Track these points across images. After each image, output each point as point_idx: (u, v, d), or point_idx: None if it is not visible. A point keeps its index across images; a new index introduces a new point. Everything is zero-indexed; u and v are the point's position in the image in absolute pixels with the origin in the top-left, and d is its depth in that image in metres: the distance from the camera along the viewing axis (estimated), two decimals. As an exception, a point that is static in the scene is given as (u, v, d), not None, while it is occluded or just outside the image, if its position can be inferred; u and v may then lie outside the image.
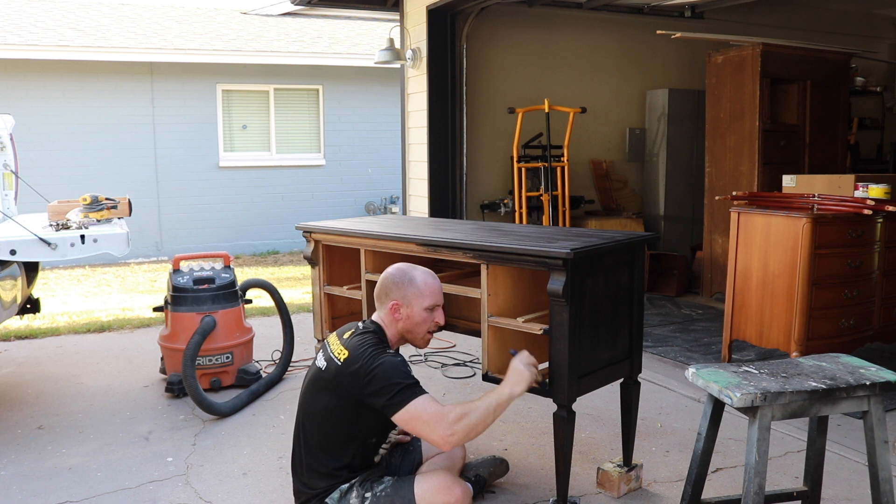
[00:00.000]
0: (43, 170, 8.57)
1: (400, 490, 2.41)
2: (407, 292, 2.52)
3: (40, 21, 10.41)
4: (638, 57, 7.47)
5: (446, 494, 2.39)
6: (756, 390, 2.13)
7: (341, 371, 2.38)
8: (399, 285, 2.53)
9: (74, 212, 3.92)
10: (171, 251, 9.89)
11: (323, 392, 2.44)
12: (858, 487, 3.05)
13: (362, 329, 2.50)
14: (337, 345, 2.47)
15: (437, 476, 2.47)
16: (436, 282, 2.60)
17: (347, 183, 11.21)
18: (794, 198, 4.41)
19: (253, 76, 10.59)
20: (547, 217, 6.42)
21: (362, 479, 2.45)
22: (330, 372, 2.42)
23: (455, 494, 2.40)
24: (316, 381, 2.49)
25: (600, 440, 3.58)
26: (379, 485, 2.44)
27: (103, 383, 4.51)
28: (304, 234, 3.62)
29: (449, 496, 2.39)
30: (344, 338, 2.49)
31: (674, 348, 5.04)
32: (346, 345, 2.43)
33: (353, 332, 2.50)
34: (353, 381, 2.34)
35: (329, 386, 2.42)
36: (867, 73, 8.00)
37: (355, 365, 2.35)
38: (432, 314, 2.57)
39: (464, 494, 2.42)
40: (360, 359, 2.36)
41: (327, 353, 2.48)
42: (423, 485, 2.42)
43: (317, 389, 2.47)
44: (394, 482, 2.45)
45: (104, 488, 3.13)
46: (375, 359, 2.34)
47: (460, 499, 2.40)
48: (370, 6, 7.51)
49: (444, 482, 2.43)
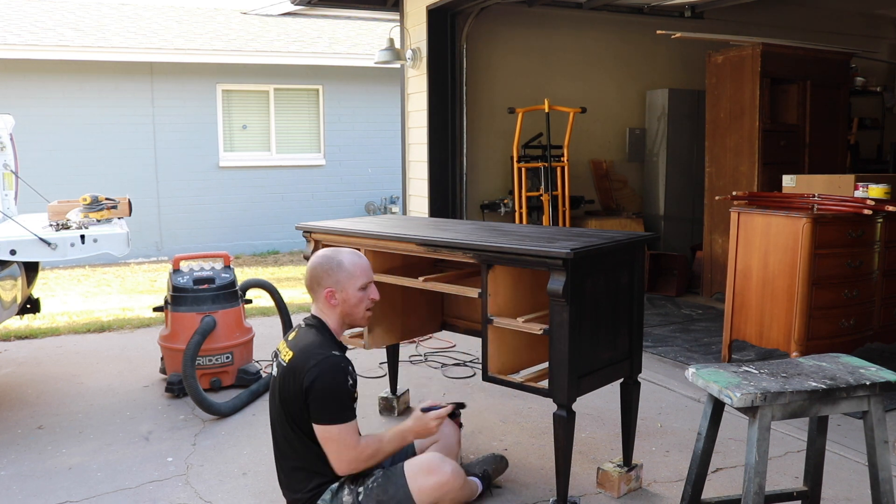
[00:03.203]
0: (43, 170, 8.56)
1: (391, 478, 2.42)
2: (338, 277, 2.51)
3: (40, 21, 10.41)
4: (638, 57, 7.47)
5: (436, 473, 2.41)
6: (756, 390, 2.13)
7: (286, 374, 2.41)
8: (329, 272, 2.52)
9: (74, 212, 3.92)
10: (171, 251, 9.88)
11: (281, 398, 2.45)
12: (858, 487, 3.05)
13: (305, 327, 2.53)
14: (284, 348, 2.50)
15: (425, 457, 2.49)
16: (363, 260, 2.60)
17: (347, 183, 11.21)
18: (794, 198, 4.40)
19: (253, 76, 10.58)
20: (547, 217, 6.41)
21: (352, 476, 2.45)
22: (280, 376, 2.46)
23: (444, 472, 2.41)
24: (273, 390, 2.51)
25: (600, 440, 3.58)
26: (369, 478, 2.44)
27: (103, 383, 4.51)
28: (304, 234, 3.62)
29: (439, 475, 2.41)
30: (289, 339, 2.52)
31: (674, 348, 5.04)
32: (291, 346, 2.47)
33: (297, 331, 2.53)
34: (295, 382, 2.37)
35: (280, 392, 2.44)
36: (867, 73, 7.99)
37: (297, 367, 2.38)
38: (367, 292, 2.57)
39: (454, 472, 2.44)
40: (301, 360, 2.39)
41: (278, 360, 2.51)
42: (413, 468, 2.44)
43: (275, 397, 2.50)
44: (384, 472, 2.46)
45: (104, 488, 3.13)
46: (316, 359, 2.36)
47: (450, 476, 2.42)
48: (370, 6, 7.51)
49: (432, 461, 2.45)
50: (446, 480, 2.41)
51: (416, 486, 2.39)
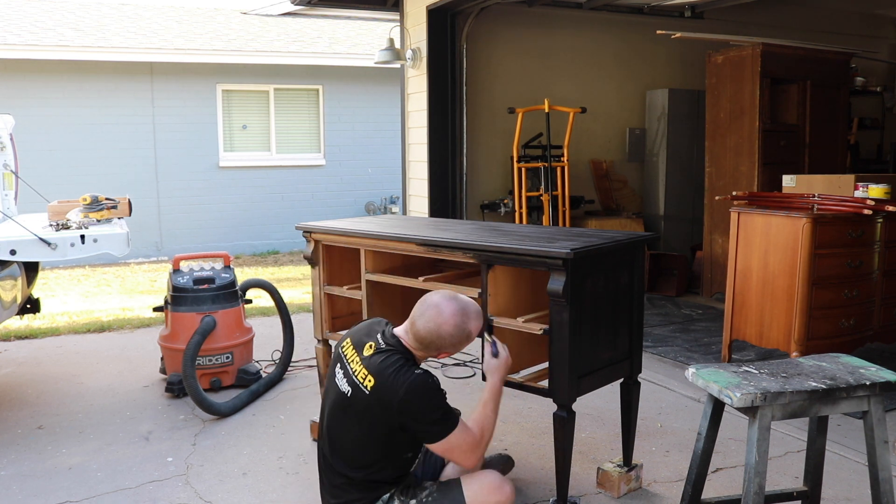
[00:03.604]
0: (43, 170, 8.56)
1: (448, 493, 2.40)
2: (461, 347, 2.46)
3: (40, 21, 10.41)
4: (638, 57, 7.46)
5: (498, 493, 2.40)
6: (756, 390, 2.13)
7: (370, 401, 2.30)
8: (455, 344, 2.43)
9: (74, 212, 3.92)
10: (171, 251, 9.88)
11: (351, 419, 2.36)
12: (858, 487, 3.05)
13: (385, 348, 2.37)
14: (359, 365, 2.36)
15: (486, 476, 2.47)
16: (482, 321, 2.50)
17: (347, 183, 11.21)
18: (794, 198, 4.40)
19: (253, 76, 10.58)
20: (547, 217, 6.41)
21: (402, 488, 2.42)
22: (358, 399, 2.33)
23: (506, 492, 2.42)
24: (342, 407, 2.39)
25: (600, 440, 3.58)
26: (422, 491, 2.41)
27: (103, 383, 4.51)
28: (304, 234, 3.62)
29: (500, 495, 2.40)
30: (365, 356, 2.36)
31: (674, 348, 5.04)
32: (370, 369, 2.32)
33: (374, 350, 2.36)
34: (386, 410, 2.28)
35: (357, 414, 2.34)
36: (867, 73, 8.00)
37: (386, 394, 2.27)
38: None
39: (512, 491, 2.45)
40: (390, 386, 2.27)
41: (350, 377, 2.37)
42: (473, 486, 2.41)
43: (344, 415, 2.39)
44: (438, 487, 2.43)
45: (104, 488, 3.13)
46: (406, 385, 2.26)
47: (510, 496, 2.42)
48: (370, 6, 7.51)
49: (494, 481, 2.43)
50: (507, 500, 2.41)
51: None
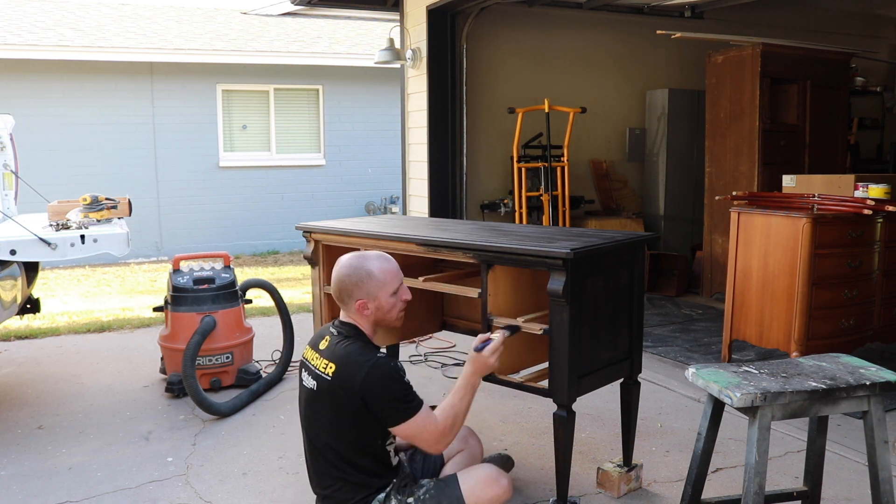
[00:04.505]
0: (43, 170, 8.56)
1: (445, 489, 2.39)
2: (369, 288, 2.43)
3: (40, 21, 10.41)
4: (638, 57, 7.47)
5: (494, 486, 2.39)
6: (756, 390, 2.13)
7: (333, 385, 2.32)
8: (359, 284, 2.42)
9: (74, 212, 3.92)
10: (171, 251, 9.88)
11: (321, 409, 2.38)
12: (858, 487, 3.05)
13: (338, 335, 2.42)
14: (319, 360, 2.40)
15: (482, 470, 2.46)
16: (391, 264, 2.50)
17: (347, 183, 11.21)
18: (794, 198, 4.41)
19: (253, 76, 10.59)
20: (547, 217, 6.42)
21: (398, 486, 2.42)
22: (322, 389, 2.36)
23: (502, 485, 2.41)
24: (311, 403, 2.43)
25: (600, 440, 3.58)
26: (419, 489, 2.41)
27: (103, 383, 4.51)
28: (304, 234, 3.62)
29: (497, 487, 2.39)
30: (322, 349, 2.42)
31: (674, 348, 5.04)
32: (329, 357, 2.37)
33: (330, 340, 2.42)
34: (349, 392, 2.30)
35: (325, 402, 2.37)
36: (867, 73, 8.00)
37: (347, 377, 2.30)
38: (398, 295, 2.49)
39: (510, 484, 2.44)
40: (350, 370, 2.30)
41: (313, 372, 2.41)
42: (469, 480, 2.41)
43: (314, 409, 2.42)
44: (435, 483, 2.43)
45: (104, 488, 3.13)
46: (367, 366, 2.29)
47: (507, 489, 2.41)
48: (370, 6, 7.51)
49: (490, 474, 2.42)
50: (504, 493, 2.40)
51: (473, 499, 2.37)
